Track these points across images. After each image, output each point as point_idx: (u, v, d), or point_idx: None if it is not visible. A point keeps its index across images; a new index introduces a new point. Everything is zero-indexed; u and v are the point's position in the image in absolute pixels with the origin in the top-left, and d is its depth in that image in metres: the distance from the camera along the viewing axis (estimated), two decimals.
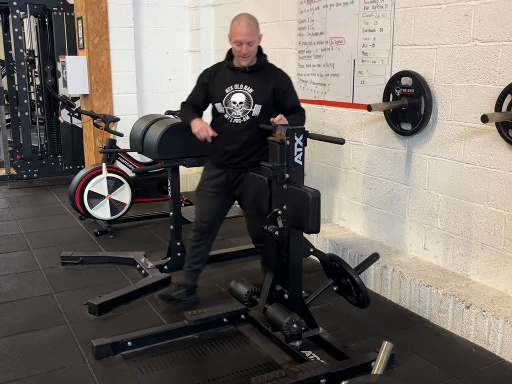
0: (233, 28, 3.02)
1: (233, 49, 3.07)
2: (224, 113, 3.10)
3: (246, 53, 3.00)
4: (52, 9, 6.62)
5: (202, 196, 3.29)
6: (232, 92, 3.07)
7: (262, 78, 3.10)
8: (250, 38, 2.98)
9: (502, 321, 2.82)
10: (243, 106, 3.07)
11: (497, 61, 3.00)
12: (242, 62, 3.06)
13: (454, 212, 3.36)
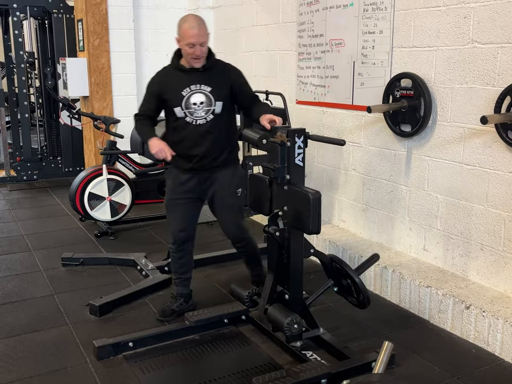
0: (183, 31, 2.92)
1: (184, 51, 2.96)
2: (185, 116, 3.01)
3: (200, 54, 2.93)
4: (52, 11, 6.64)
5: (175, 205, 3.17)
6: (190, 93, 2.99)
7: (217, 75, 3.05)
8: (202, 39, 2.91)
9: (501, 322, 2.83)
10: (204, 106, 2.99)
11: (496, 63, 3.02)
12: (196, 64, 2.98)
13: (453, 213, 3.38)
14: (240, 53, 5.53)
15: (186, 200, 3.15)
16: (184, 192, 3.14)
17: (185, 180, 3.13)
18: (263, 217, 4.54)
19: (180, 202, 3.16)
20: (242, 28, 5.46)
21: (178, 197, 3.15)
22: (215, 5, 5.92)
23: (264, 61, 5.16)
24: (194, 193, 3.15)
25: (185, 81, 3.01)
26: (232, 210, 3.21)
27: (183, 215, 3.18)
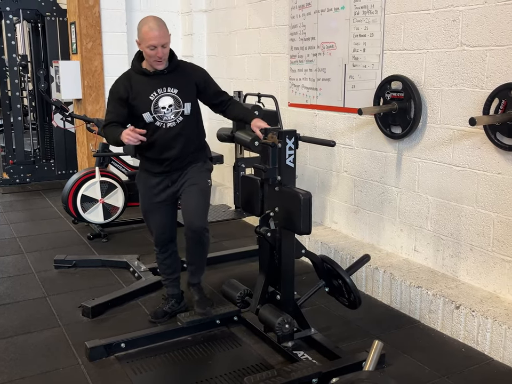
0: (144, 33, 2.86)
1: (145, 54, 2.90)
2: (154, 121, 2.96)
3: (162, 56, 2.88)
4: (45, 14, 6.65)
5: (152, 209, 3.13)
6: (157, 97, 2.94)
7: (182, 76, 3.01)
8: (164, 40, 2.86)
9: (490, 321, 2.86)
10: (173, 108, 2.96)
11: (484, 65, 3.06)
12: (158, 66, 2.93)
13: (443, 214, 3.41)
14: (232, 56, 5.56)
15: (161, 203, 3.11)
16: (157, 195, 3.10)
17: (156, 183, 3.09)
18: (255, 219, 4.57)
19: (155, 206, 3.12)
20: (235, 31, 5.48)
21: (152, 200, 3.11)
22: (207, 8, 5.94)
23: (257, 64, 5.18)
24: (165, 195, 3.11)
25: (151, 85, 2.95)
26: (200, 197, 3.09)
27: (159, 218, 3.15)
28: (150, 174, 3.10)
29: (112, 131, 2.95)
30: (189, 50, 6.10)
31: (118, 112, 2.98)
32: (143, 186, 3.15)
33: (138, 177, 3.21)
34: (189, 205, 3.08)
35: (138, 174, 3.21)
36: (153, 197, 3.11)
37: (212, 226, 4.98)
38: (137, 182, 3.22)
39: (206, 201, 3.15)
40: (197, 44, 6.05)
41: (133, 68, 3.03)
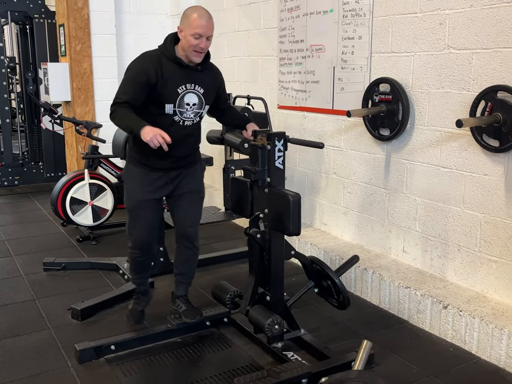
0: (192, 20, 2.70)
1: (186, 42, 2.72)
2: (173, 115, 2.81)
3: (204, 48, 2.75)
4: (34, 16, 6.63)
5: (145, 206, 2.94)
6: (184, 92, 2.80)
7: (210, 77, 2.93)
8: (210, 32, 2.75)
9: (478, 321, 2.89)
10: (195, 108, 2.86)
11: (471, 68, 3.10)
12: (196, 58, 2.77)
13: (431, 215, 3.44)
14: (222, 58, 5.57)
15: (154, 201, 2.97)
16: (153, 192, 2.94)
17: (154, 179, 2.92)
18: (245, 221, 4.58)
19: (149, 203, 2.96)
20: (224, 33, 5.50)
21: (146, 198, 2.94)
22: None
23: (246, 66, 5.20)
24: (162, 192, 2.98)
25: (181, 78, 2.79)
26: (199, 208, 3.12)
27: (150, 216, 3.00)
28: (148, 169, 2.91)
29: (129, 115, 2.72)
30: None
31: (137, 96, 2.74)
32: (136, 181, 2.93)
33: (128, 172, 2.99)
34: (190, 214, 3.05)
35: (128, 168, 3.00)
36: (149, 194, 2.94)
37: (202, 228, 4.97)
38: (127, 177, 3.01)
39: (200, 213, 3.19)
40: None
41: (165, 53, 2.79)
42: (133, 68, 2.79)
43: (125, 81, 2.80)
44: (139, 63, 2.79)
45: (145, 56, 2.82)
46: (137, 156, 2.92)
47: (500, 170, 3.01)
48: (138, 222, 2.99)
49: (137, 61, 2.81)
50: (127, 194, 3.00)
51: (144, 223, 2.99)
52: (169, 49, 2.79)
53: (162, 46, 2.83)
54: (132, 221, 3.01)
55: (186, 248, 3.12)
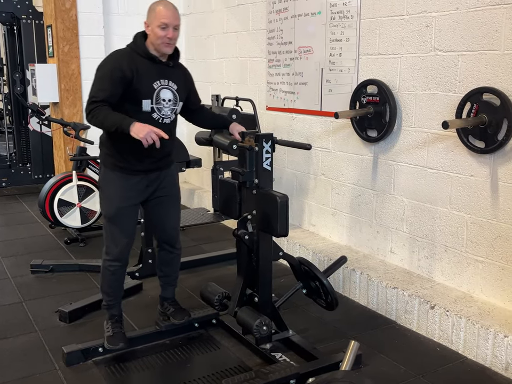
0: (157, 11, 2.68)
1: (154, 35, 2.69)
2: (151, 112, 2.73)
3: (172, 38, 2.70)
4: (21, 17, 6.58)
5: (126, 213, 2.82)
6: (160, 87, 2.75)
7: (180, 74, 2.90)
8: (177, 21, 2.71)
9: (464, 321, 2.92)
10: (171, 104, 2.80)
11: (457, 70, 3.12)
12: (166, 49, 2.73)
13: (418, 215, 3.47)
14: (211, 60, 5.58)
15: (134, 206, 2.88)
16: (134, 198, 2.84)
17: (134, 183, 2.81)
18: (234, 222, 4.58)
19: (129, 209, 2.84)
20: (213, 35, 5.50)
21: (128, 204, 2.82)
22: (185, 12, 5.95)
23: (235, 68, 5.21)
24: (142, 197, 2.88)
25: (155, 73, 2.75)
26: (178, 210, 3.08)
27: (131, 223, 2.88)
28: (126, 173, 2.79)
29: (114, 114, 2.62)
30: None
31: (114, 92, 2.64)
32: (116, 187, 2.80)
33: (105, 177, 2.84)
34: (172, 218, 3.01)
35: (105, 174, 2.85)
36: (130, 199, 2.82)
37: (191, 229, 5.02)
38: (104, 183, 2.85)
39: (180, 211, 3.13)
40: None
41: (136, 49, 2.75)
42: (105, 65, 2.72)
43: (100, 79, 2.69)
44: (111, 60, 2.73)
45: (117, 53, 2.78)
46: (114, 160, 2.80)
47: (486, 171, 3.04)
48: (120, 231, 2.84)
49: (109, 58, 2.75)
50: (106, 201, 2.85)
51: (126, 231, 2.86)
52: (140, 45, 2.76)
53: (133, 44, 2.79)
54: (113, 230, 2.84)
55: (169, 251, 3.08)
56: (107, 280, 2.93)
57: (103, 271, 2.94)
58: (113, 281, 2.93)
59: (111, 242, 2.86)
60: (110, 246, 2.87)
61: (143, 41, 2.77)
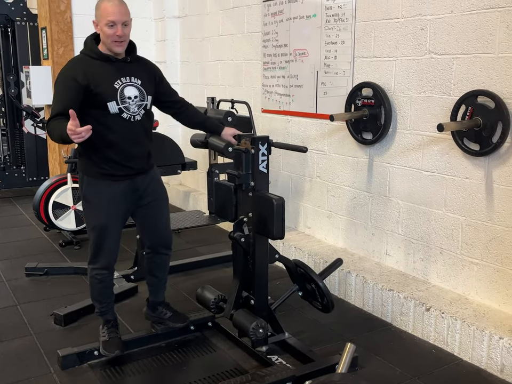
0: (103, 9, 2.57)
1: (103, 35, 2.60)
2: (119, 113, 2.65)
3: (122, 36, 2.59)
4: (15, 19, 6.57)
5: (113, 224, 2.77)
6: (122, 86, 2.66)
7: (143, 67, 2.81)
8: (124, 17, 2.59)
9: (459, 323, 2.93)
10: (138, 100, 2.70)
11: (451, 73, 3.14)
12: (117, 48, 2.63)
13: (414, 218, 3.48)
14: (206, 62, 5.58)
15: (122, 214, 2.82)
16: (121, 205, 2.77)
17: (121, 189, 2.75)
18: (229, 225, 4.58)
19: (116, 219, 2.78)
20: (208, 37, 5.51)
21: (116, 212, 2.76)
22: (181, 15, 5.95)
23: (230, 70, 5.21)
24: (129, 204, 2.81)
25: (113, 73, 2.66)
26: (167, 212, 3.03)
27: (117, 233, 2.82)
28: (112, 180, 2.72)
29: (58, 126, 2.50)
30: (162, 56, 6.09)
31: (71, 102, 2.53)
32: (103, 196, 2.72)
33: (89, 187, 2.74)
34: (163, 221, 2.98)
35: (88, 184, 2.74)
36: (117, 207, 2.76)
37: (186, 232, 5.02)
38: (90, 193, 2.74)
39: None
40: (170, 49, 6.05)
41: (89, 53, 2.66)
42: (59, 78, 2.66)
43: (56, 93, 2.65)
44: (64, 71, 2.66)
45: (70, 62, 2.71)
46: (97, 168, 2.71)
47: (481, 173, 3.05)
48: (109, 240, 2.78)
49: (62, 70, 2.69)
50: (92, 211, 2.76)
51: (114, 240, 2.81)
52: (92, 48, 2.67)
53: (84, 48, 2.72)
54: (100, 240, 2.76)
55: (164, 253, 3.04)
56: (96, 289, 2.89)
57: (91, 280, 2.88)
58: (102, 288, 2.89)
59: (100, 251, 2.79)
60: (97, 255, 2.81)
61: (94, 43, 2.68)
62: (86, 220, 2.86)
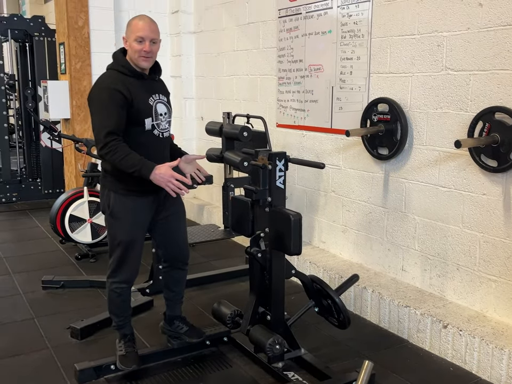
0: (133, 25, 2.67)
1: (131, 50, 2.67)
2: (152, 129, 2.71)
3: (149, 51, 2.66)
4: (34, 34, 6.68)
5: (139, 238, 2.81)
6: (155, 103, 2.74)
7: (164, 86, 2.90)
8: (154, 35, 2.67)
9: (478, 340, 2.90)
10: (167, 117, 2.80)
11: (468, 89, 3.14)
12: (144, 63, 2.69)
13: (430, 234, 3.46)
14: (221, 77, 5.63)
15: (145, 231, 2.87)
16: (146, 221, 2.82)
17: (146, 205, 2.78)
18: (244, 239, 4.59)
19: (143, 233, 2.84)
20: (223, 53, 5.56)
21: (141, 228, 2.82)
22: (196, 30, 6.02)
23: (245, 85, 5.25)
24: (150, 219, 2.85)
25: (146, 90, 2.73)
26: (185, 227, 3.05)
27: (141, 247, 2.85)
28: (138, 195, 2.74)
29: (132, 155, 2.55)
30: (177, 71, 6.15)
31: (121, 117, 2.60)
32: (131, 212, 2.75)
33: (117, 203, 2.74)
34: (182, 235, 3.01)
35: (116, 199, 2.74)
36: (143, 223, 2.82)
37: (201, 246, 5.03)
38: (117, 209, 2.74)
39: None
40: (185, 64, 6.11)
41: (121, 69, 2.70)
42: (101, 93, 2.64)
43: (102, 108, 2.62)
44: (105, 86, 2.65)
45: (107, 78, 2.70)
46: (125, 185, 2.72)
47: (498, 190, 3.04)
48: (133, 254, 2.81)
49: (101, 85, 2.68)
50: (120, 227, 2.76)
51: (138, 254, 2.85)
52: (125, 65, 2.70)
53: (115, 64, 2.73)
54: (125, 255, 2.79)
55: (181, 269, 3.06)
56: (115, 302, 2.90)
57: (109, 293, 2.89)
58: (120, 302, 2.90)
59: (123, 265, 2.81)
60: (120, 269, 2.83)
61: (126, 59, 2.72)
62: (111, 235, 2.83)
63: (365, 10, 3.78)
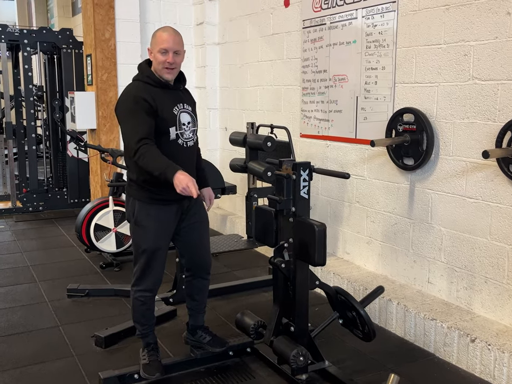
0: (157, 37, 2.72)
1: (156, 61, 2.72)
2: (176, 139, 2.75)
3: (173, 63, 2.70)
4: (62, 46, 6.82)
5: (164, 247, 2.86)
6: (179, 112, 2.77)
7: (189, 96, 2.94)
8: (177, 46, 2.72)
9: (507, 355, 2.83)
10: (191, 126, 2.82)
11: (496, 99, 3.09)
12: (168, 75, 2.74)
13: (457, 245, 3.40)
14: (245, 88, 5.65)
15: (169, 239, 2.89)
16: (170, 229, 2.86)
17: (171, 213, 2.82)
18: (267, 249, 4.57)
19: (168, 241, 2.88)
20: (247, 63, 5.59)
21: (166, 236, 2.85)
22: (220, 41, 6.07)
23: (269, 95, 5.26)
24: (174, 227, 2.88)
25: (171, 99, 2.77)
26: (208, 236, 3.08)
27: (166, 257, 2.90)
28: (162, 204, 2.77)
29: (160, 158, 2.58)
30: (202, 82, 6.20)
31: (150, 127, 2.64)
32: (155, 220, 2.77)
33: (141, 211, 2.78)
34: (205, 244, 3.03)
35: (140, 208, 2.78)
36: (168, 232, 2.85)
37: (224, 256, 5.03)
38: (142, 217, 2.78)
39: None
40: (210, 75, 6.15)
41: (147, 80, 2.75)
42: (128, 103, 2.70)
43: (131, 116, 2.66)
44: (132, 95, 2.70)
45: (133, 88, 2.75)
46: (150, 193, 2.76)
47: None
48: (157, 263, 2.85)
49: (128, 95, 2.73)
50: (145, 235, 2.79)
51: (162, 263, 2.89)
52: (150, 75, 2.75)
53: (141, 75, 2.79)
54: (151, 263, 2.82)
55: (204, 278, 3.07)
56: (139, 310, 2.92)
57: (134, 302, 2.92)
58: (145, 311, 2.92)
59: (147, 274, 2.85)
60: (144, 277, 2.85)
61: (151, 70, 2.77)
62: (136, 243, 2.87)
63: (390, 20, 3.76)
